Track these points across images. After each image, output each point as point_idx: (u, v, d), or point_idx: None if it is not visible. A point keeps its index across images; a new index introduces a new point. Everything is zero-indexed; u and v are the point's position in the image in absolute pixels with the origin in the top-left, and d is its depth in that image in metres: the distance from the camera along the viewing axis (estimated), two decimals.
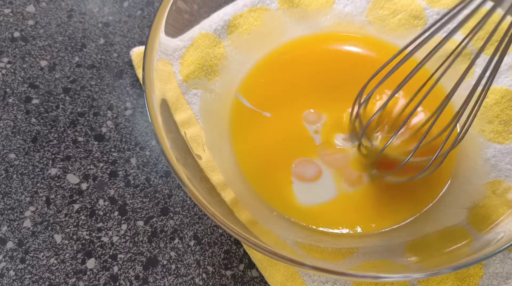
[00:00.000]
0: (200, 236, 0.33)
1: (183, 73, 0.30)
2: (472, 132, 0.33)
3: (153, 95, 0.25)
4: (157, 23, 0.26)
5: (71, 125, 0.37)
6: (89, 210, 0.34)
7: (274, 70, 0.36)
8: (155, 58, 0.26)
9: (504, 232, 0.23)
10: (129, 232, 0.33)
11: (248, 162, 0.33)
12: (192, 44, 0.31)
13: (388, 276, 0.21)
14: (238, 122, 0.34)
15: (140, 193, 0.35)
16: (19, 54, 0.41)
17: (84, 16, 0.42)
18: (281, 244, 0.26)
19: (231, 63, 0.35)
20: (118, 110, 0.38)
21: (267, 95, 0.35)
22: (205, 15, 0.32)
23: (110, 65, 0.40)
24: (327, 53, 0.37)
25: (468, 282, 0.29)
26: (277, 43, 0.37)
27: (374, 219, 0.30)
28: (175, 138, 0.26)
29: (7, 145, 0.37)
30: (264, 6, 0.36)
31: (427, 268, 0.21)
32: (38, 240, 0.33)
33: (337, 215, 0.31)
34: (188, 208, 0.34)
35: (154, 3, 0.43)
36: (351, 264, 0.26)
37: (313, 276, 0.30)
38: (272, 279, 0.30)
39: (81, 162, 0.36)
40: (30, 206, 0.34)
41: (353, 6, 0.37)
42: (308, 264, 0.21)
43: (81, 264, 0.32)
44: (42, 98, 0.39)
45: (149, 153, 0.36)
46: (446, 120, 0.28)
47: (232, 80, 0.36)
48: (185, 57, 0.31)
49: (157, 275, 0.32)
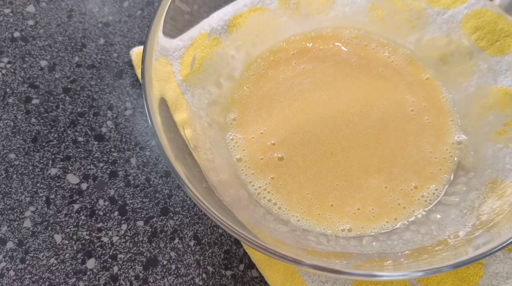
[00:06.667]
0: (200, 236, 0.33)
1: (182, 73, 0.30)
2: (471, 132, 0.33)
3: (151, 95, 0.25)
4: (156, 23, 0.26)
5: (71, 125, 0.37)
6: (89, 210, 0.34)
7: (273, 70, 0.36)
8: (153, 57, 0.26)
9: (504, 231, 0.23)
10: (129, 232, 0.33)
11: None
12: (192, 44, 0.31)
13: (387, 275, 0.21)
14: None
15: (140, 193, 0.35)
16: (19, 54, 0.41)
17: (84, 16, 0.43)
18: (280, 243, 0.26)
19: (231, 63, 0.35)
20: (118, 110, 0.38)
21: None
22: (205, 15, 0.32)
23: (110, 65, 0.40)
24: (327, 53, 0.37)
25: (468, 282, 0.29)
26: (277, 42, 0.37)
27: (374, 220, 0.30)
28: (175, 138, 0.26)
29: (7, 145, 0.37)
30: (264, 6, 0.36)
31: (427, 266, 0.21)
32: (38, 240, 0.33)
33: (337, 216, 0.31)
34: (188, 208, 0.34)
35: (154, 3, 0.43)
36: (350, 263, 0.26)
37: (312, 275, 0.30)
38: (272, 279, 0.30)
39: (81, 162, 0.36)
40: (30, 206, 0.34)
41: (353, 6, 0.37)
42: (307, 263, 0.21)
43: (81, 264, 0.32)
44: (42, 98, 0.39)
45: (149, 153, 0.36)
46: None
47: (232, 79, 0.36)
48: (184, 57, 0.31)
49: (157, 275, 0.32)
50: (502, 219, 0.25)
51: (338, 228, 0.30)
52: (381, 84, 0.35)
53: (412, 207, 0.31)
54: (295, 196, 0.31)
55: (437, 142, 0.33)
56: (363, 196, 0.31)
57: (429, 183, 0.31)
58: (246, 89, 0.36)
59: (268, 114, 0.34)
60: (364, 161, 0.32)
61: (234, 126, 0.34)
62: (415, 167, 0.32)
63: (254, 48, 0.37)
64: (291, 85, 0.35)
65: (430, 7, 0.35)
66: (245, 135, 0.34)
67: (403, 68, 0.36)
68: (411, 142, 0.33)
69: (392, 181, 0.31)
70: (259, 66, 0.36)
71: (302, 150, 0.33)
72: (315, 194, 0.31)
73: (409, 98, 0.35)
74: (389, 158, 0.32)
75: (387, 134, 0.33)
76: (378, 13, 0.37)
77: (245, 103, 0.35)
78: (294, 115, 0.34)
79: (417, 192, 0.31)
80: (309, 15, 0.37)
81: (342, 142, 0.33)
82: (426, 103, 0.34)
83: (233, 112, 0.35)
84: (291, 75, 0.36)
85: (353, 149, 0.32)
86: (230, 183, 0.31)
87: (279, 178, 0.32)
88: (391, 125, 0.33)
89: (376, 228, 0.30)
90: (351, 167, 0.32)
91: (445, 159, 0.32)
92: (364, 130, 0.33)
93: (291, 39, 0.38)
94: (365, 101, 0.34)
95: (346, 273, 0.21)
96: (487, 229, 0.24)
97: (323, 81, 0.35)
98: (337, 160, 0.32)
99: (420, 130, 0.33)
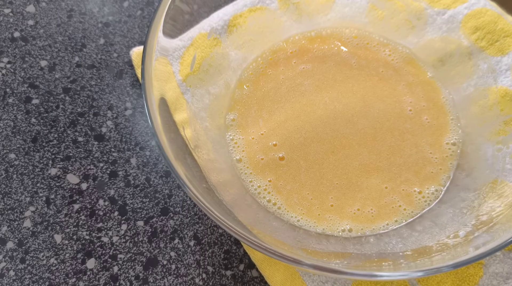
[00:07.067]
0: (200, 236, 0.33)
1: (182, 73, 0.30)
2: (471, 132, 0.33)
3: (152, 95, 0.25)
4: (156, 23, 0.26)
5: (71, 125, 0.37)
6: (89, 210, 0.34)
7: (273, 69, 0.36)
8: (153, 57, 0.26)
9: (504, 231, 0.23)
10: (129, 232, 0.33)
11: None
12: (191, 44, 0.31)
13: (387, 275, 0.21)
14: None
15: (140, 193, 0.35)
16: (19, 54, 0.41)
17: (84, 16, 0.43)
18: (280, 244, 0.26)
19: (231, 63, 0.35)
20: (118, 110, 0.38)
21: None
22: (205, 15, 0.32)
23: (110, 65, 0.40)
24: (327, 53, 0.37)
25: (468, 282, 0.29)
26: (277, 42, 0.37)
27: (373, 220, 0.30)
28: (175, 138, 0.26)
29: (7, 145, 0.37)
30: (264, 6, 0.36)
31: (427, 266, 0.21)
32: (38, 240, 0.33)
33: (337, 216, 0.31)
34: (188, 208, 0.34)
35: (154, 3, 0.43)
36: (350, 263, 0.26)
37: (312, 275, 0.30)
38: (272, 279, 0.30)
39: (81, 162, 0.36)
40: (30, 206, 0.34)
41: (353, 6, 0.37)
42: (307, 263, 0.21)
43: (81, 264, 0.32)
44: (42, 98, 0.39)
45: (149, 153, 0.36)
46: None
47: (232, 80, 0.36)
48: (184, 57, 0.31)
49: (157, 275, 0.32)
50: (502, 219, 0.25)
51: (338, 228, 0.30)
52: (381, 84, 0.35)
53: (411, 207, 0.31)
54: (295, 196, 0.31)
55: (437, 142, 0.33)
56: (363, 196, 0.31)
57: (429, 182, 0.31)
58: (246, 89, 0.36)
59: (269, 115, 0.34)
60: (363, 159, 0.32)
61: (234, 127, 0.34)
62: (415, 166, 0.32)
63: (254, 48, 0.37)
64: (291, 86, 0.35)
65: (430, 7, 0.35)
66: (245, 135, 0.34)
67: (403, 68, 0.36)
68: (409, 141, 0.33)
69: (392, 180, 0.31)
70: (259, 66, 0.36)
71: (304, 150, 0.33)
72: (315, 194, 0.31)
73: (408, 98, 0.35)
74: (387, 157, 0.32)
75: (383, 132, 0.33)
76: (378, 13, 0.37)
77: (245, 103, 0.35)
78: (295, 116, 0.34)
79: (417, 192, 0.31)
80: (309, 15, 0.37)
81: (342, 141, 0.33)
82: (426, 103, 0.34)
83: (233, 112, 0.35)
84: (291, 75, 0.36)
85: (352, 147, 0.32)
86: (230, 183, 0.31)
87: (279, 178, 0.32)
88: (386, 124, 0.33)
89: (376, 229, 0.30)
90: (351, 165, 0.32)
91: (445, 159, 0.32)
92: (362, 129, 0.33)
93: (291, 39, 0.38)
94: (364, 102, 0.34)
95: (346, 273, 0.21)
96: (487, 229, 0.24)
97: (324, 82, 0.35)
98: (337, 158, 0.32)
99: (419, 129, 0.33)
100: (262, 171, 0.32)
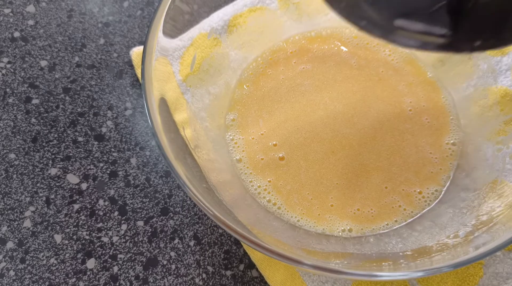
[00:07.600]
0: (200, 236, 0.33)
1: (182, 73, 0.30)
2: (471, 132, 0.33)
3: (152, 95, 0.25)
4: (156, 23, 0.26)
5: (71, 125, 0.38)
6: (89, 210, 0.34)
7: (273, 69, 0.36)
8: (153, 57, 0.26)
9: (504, 231, 0.23)
10: (129, 232, 0.33)
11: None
12: (192, 44, 0.31)
13: (387, 275, 0.21)
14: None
15: (140, 193, 0.35)
16: (19, 54, 0.41)
17: (84, 16, 0.43)
18: (280, 244, 0.26)
19: (231, 63, 0.35)
20: (118, 110, 0.38)
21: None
22: (205, 15, 0.32)
23: (110, 65, 0.40)
24: (327, 53, 0.37)
25: (468, 282, 0.29)
26: (277, 42, 0.37)
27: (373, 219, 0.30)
28: (175, 138, 0.26)
29: (7, 145, 0.37)
30: (264, 6, 0.36)
31: (427, 266, 0.21)
32: (38, 240, 0.33)
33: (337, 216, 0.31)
34: (188, 208, 0.34)
35: (154, 3, 0.43)
36: (350, 263, 0.26)
37: (312, 275, 0.30)
38: (272, 279, 0.30)
39: (81, 162, 0.36)
40: (30, 206, 0.34)
41: None
42: (307, 263, 0.21)
43: (81, 264, 0.32)
44: (42, 98, 0.39)
45: (149, 153, 0.36)
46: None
47: (232, 80, 0.36)
48: (184, 57, 0.31)
49: (157, 275, 0.32)
50: (502, 219, 0.25)
51: (338, 228, 0.30)
52: (381, 84, 0.35)
53: (411, 207, 0.31)
54: (295, 196, 0.31)
55: (437, 142, 0.33)
56: (363, 196, 0.31)
57: (429, 183, 0.31)
58: (246, 89, 0.36)
59: (269, 115, 0.34)
60: (363, 159, 0.32)
61: (234, 127, 0.34)
62: (415, 166, 0.32)
63: (254, 48, 0.37)
64: (291, 86, 0.35)
65: None
66: (245, 135, 0.34)
67: (403, 68, 0.36)
68: (409, 141, 0.33)
69: (392, 180, 0.31)
70: (259, 66, 0.36)
71: (304, 150, 0.33)
72: (315, 194, 0.31)
73: (408, 98, 0.35)
74: (387, 157, 0.32)
75: (383, 132, 0.33)
76: None
77: (245, 103, 0.35)
78: (295, 116, 0.34)
79: (417, 192, 0.31)
80: (309, 15, 0.37)
81: (342, 141, 0.33)
82: (426, 103, 0.34)
83: (233, 112, 0.35)
84: (291, 75, 0.36)
85: (352, 148, 0.32)
86: (230, 183, 0.31)
87: (279, 178, 0.32)
88: (386, 124, 0.33)
89: (376, 229, 0.30)
90: (351, 165, 0.32)
91: (445, 159, 0.32)
92: (362, 129, 0.33)
93: (291, 39, 0.38)
94: (364, 102, 0.34)
95: (346, 273, 0.21)
96: (487, 229, 0.24)
97: (324, 82, 0.35)
98: (337, 158, 0.32)
99: (419, 129, 0.33)
100: (262, 171, 0.32)
